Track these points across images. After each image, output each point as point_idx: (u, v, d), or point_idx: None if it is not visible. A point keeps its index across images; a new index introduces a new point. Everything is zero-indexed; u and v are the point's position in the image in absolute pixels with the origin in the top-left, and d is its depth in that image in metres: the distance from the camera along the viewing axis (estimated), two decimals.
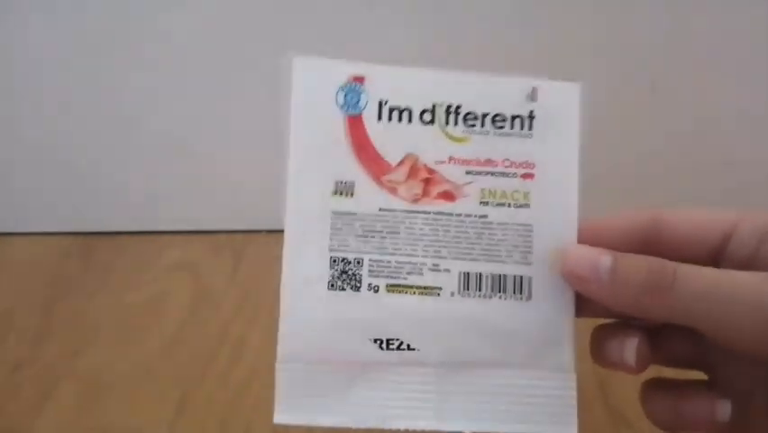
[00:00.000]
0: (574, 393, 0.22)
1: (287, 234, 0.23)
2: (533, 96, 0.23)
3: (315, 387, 0.22)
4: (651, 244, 0.23)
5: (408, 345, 0.22)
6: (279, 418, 0.22)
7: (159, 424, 0.37)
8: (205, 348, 0.42)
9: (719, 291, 0.19)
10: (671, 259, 0.21)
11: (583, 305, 0.23)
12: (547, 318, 0.22)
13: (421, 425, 0.22)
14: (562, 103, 0.23)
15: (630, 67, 0.48)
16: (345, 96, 0.23)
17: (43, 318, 0.45)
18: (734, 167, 0.51)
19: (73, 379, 0.40)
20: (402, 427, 0.22)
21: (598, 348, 0.23)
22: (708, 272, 0.20)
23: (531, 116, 0.23)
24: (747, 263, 0.22)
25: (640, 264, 0.20)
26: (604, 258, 0.21)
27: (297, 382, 0.22)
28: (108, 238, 0.55)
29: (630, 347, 0.22)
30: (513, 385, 0.22)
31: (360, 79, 0.23)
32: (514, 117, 0.23)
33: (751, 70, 0.48)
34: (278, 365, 0.22)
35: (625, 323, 0.23)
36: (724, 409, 0.22)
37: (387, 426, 0.22)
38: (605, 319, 0.24)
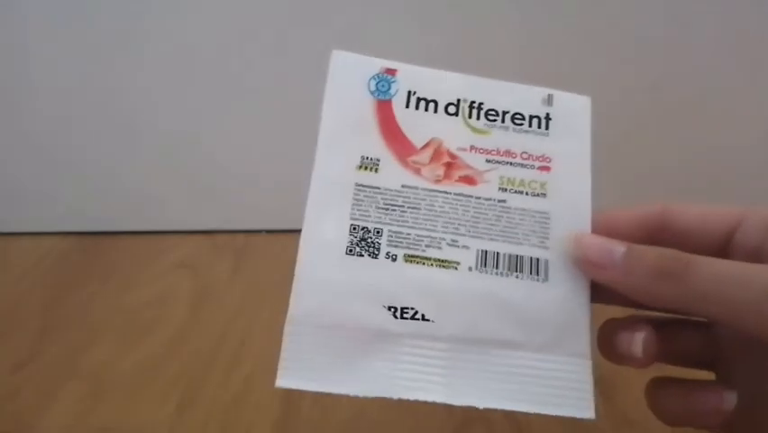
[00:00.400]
0: (591, 378, 0.22)
1: (309, 201, 0.23)
2: (549, 101, 0.25)
3: (324, 352, 0.21)
4: (660, 234, 0.23)
5: (423, 316, 0.22)
6: (283, 382, 0.21)
7: (160, 424, 0.37)
8: (206, 348, 0.42)
9: (733, 275, 0.19)
10: (678, 248, 0.21)
11: (597, 291, 0.23)
12: (564, 302, 0.23)
13: (432, 397, 0.21)
14: (575, 109, 0.25)
15: (630, 66, 0.48)
16: (377, 83, 0.24)
17: (44, 319, 0.45)
18: (734, 167, 0.51)
19: (74, 379, 0.40)
20: (412, 398, 0.21)
21: (606, 342, 0.23)
22: (721, 261, 0.20)
23: (547, 118, 0.25)
24: (755, 253, 0.22)
25: (653, 251, 0.21)
26: (618, 245, 0.21)
27: (305, 346, 0.21)
28: (108, 238, 0.55)
29: (638, 340, 0.22)
30: (529, 367, 0.22)
31: (392, 72, 0.25)
32: (532, 117, 0.25)
33: (752, 69, 0.48)
34: (287, 327, 0.22)
35: (633, 317, 0.24)
36: (730, 399, 0.22)
37: (396, 396, 0.21)
38: (614, 313, 0.24)
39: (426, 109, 0.24)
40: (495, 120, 0.25)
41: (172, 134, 0.52)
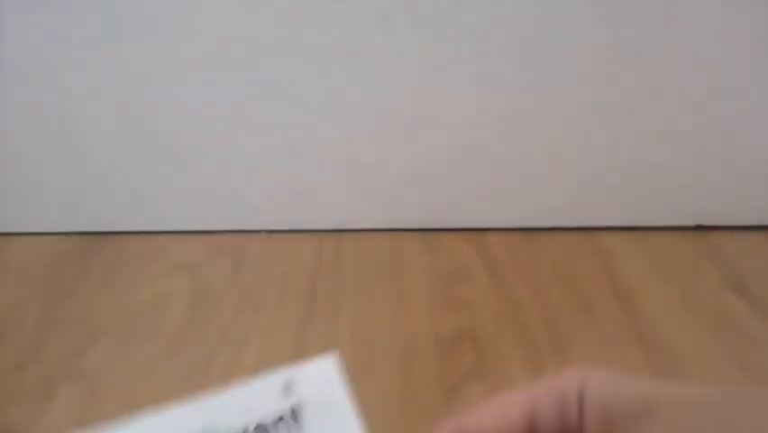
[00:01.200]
0: None
1: None
2: (288, 389, 0.22)
3: None
4: None
5: None
6: None
7: None
8: (206, 348, 0.42)
9: None
10: None
11: None
12: None
13: None
14: (321, 381, 0.22)
15: (630, 68, 0.48)
16: None
17: (43, 319, 0.45)
18: (733, 167, 0.51)
19: (73, 379, 0.40)
20: None
21: None
22: None
23: (295, 410, 0.22)
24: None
25: None
26: None
27: None
28: (108, 238, 0.55)
29: None
30: None
31: None
32: (278, 420, 0.22)
33: (751, 70, 0.48)
34: None
35: None
36: None
37: None
38: None
39: None
40: None
41: (172, 134, 0.52)
